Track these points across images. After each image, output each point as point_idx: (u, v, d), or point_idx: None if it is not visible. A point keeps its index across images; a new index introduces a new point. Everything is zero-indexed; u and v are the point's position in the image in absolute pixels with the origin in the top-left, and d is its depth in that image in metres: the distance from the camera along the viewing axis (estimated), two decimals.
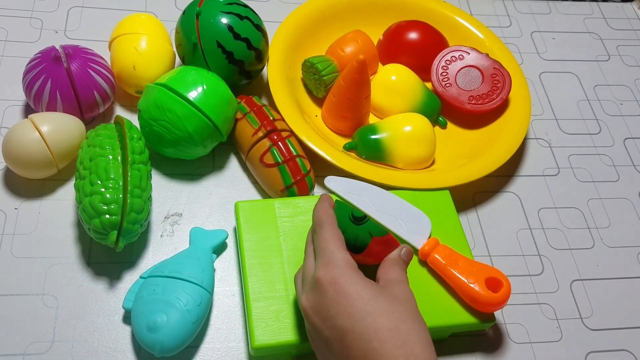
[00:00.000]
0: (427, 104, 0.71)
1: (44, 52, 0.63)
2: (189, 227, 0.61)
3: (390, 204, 0.60)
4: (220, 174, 0.66)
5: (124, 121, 0.59)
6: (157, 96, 0.60)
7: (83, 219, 0.54)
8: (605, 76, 0.83)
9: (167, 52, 0.68)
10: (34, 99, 0.62)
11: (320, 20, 0.76)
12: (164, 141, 0.61)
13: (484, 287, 0.54)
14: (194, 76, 0.62)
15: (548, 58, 0.84)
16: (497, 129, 0.71)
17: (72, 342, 0.53)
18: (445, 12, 0.80)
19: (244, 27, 0.64)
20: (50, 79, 0.61)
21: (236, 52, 0.64)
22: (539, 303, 0.61)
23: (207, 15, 0.64)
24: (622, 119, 0.79)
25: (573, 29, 0.88)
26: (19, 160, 0.58)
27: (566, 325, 0.60)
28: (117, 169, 0.54)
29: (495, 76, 0.72)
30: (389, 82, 0.70)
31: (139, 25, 0.67)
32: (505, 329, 0.59)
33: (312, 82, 0.71)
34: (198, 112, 0.60)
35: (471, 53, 0.73)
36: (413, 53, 0.74)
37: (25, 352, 0.52)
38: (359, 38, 0.73)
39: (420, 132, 0.66)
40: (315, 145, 0.64)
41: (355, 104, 0.67)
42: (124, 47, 0.66)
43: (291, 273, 0.54)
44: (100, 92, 0.63)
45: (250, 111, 0.64)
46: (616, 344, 0.60)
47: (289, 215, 0.58)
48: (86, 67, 0.62)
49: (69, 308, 0.54)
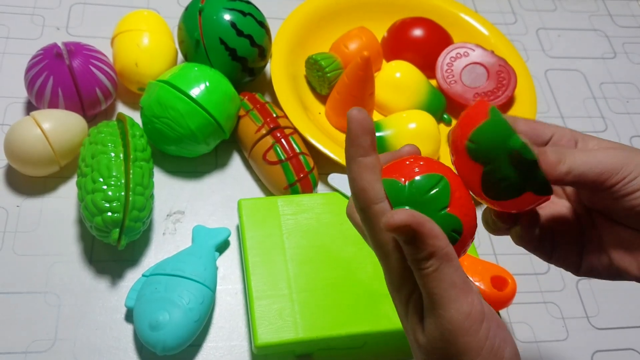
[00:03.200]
0: (432, 101, 0.70)
1: (46, 49, 0.62)
2: (191, 225, 0.60)
3: None
4: (223, 171, 0.65)
5: (126, 118, 0.58)
6: (160, 93, 0.60)
7: (85, 216, 0.54)
8: (611, 73, 0.83)
9: (170, 49, 0.67)
10: (36, 96, 0.62)
11: (323, 17, 0.76)
12: (166, 139, 0.61)
13: (490, 285, 0.53)
14: (196, 73, 0.61)
15: (554, 55, 0.83)
16: None
17: (74, 340, 0.52)
18: (450, 9, 0.79)
19: (247, 23, 0.64)
20: (52, 76, 0.61)
21: (239, 49, 0.64)
22: (545, 302, 0.61)
23: (210, 11, 0.63)
24: (629, 117, 0.78)
25: (579, 26, 0.88)
26: (21, 157, 0.58)
27: (572, 324, 0.60)
28: (119, 166, 0.54)
29: (500, 73, 0.71)
30: (393, 79, 0.70)
31: (141, 22, 0.67)
32: (511, 328, 0.58)
33: (316, 79, 0.70)
34: (201, 109, 0.60)
35: (476, 50, 0.72)
36: (417, 50, 0.74)
37: (27, 350, 0.51)
38: (363, 35, 0.72)
39: (424, 129, 0.65)
40: (319, 142, 0.63)
41: (359, 101, 0.66)
42: (126, 44, 0.65)
43: (294, 271, 0.54)
44: (102, 89, 0.63)
45: (253, 108, 0.64)
46: (622, 343, 0.59)
47: (292, 213, 0.58)
48: (88, 64, 0.62)
49: (71, 306, 0.54)
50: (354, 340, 0.54)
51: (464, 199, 0.34)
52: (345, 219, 0.58)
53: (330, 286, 0.54)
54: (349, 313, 0.53)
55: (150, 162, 0.58)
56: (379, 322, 0.53)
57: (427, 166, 0.34)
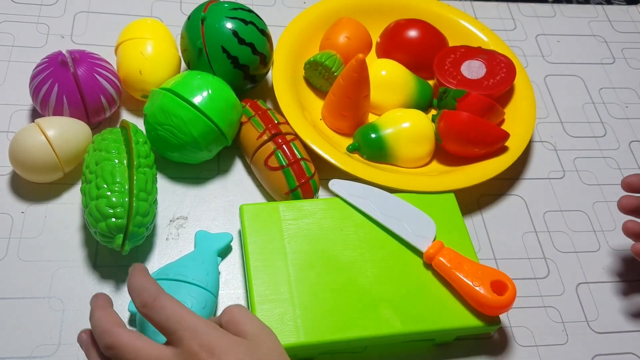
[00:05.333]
0: (421, 92, 0.72)
1: (51, 56, 0.63)
2: (194, 230, 0.61)
3: (395, 207, 0.60)
4: (225, 177, 0.66)
5: (130, 125, 0.59)
6: (163, 101, 0.61)
7: (89, 222, 0.54)
8: (611, 79, 0.83)
9: (173, 56, 0.68)
10: (40, 104, 0.63)
11: (324, 24, 0.76)
12: (169, 145, 0.61)
13: (490, 290, 0.53)
14: (199, 81, 0.62)
15: (553, 61, 0.84)
16: None
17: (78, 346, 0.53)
18: (449, 15, 0.80)
19: (249, 32, 0.65)
20: (57, 83, 0.61)
21: (241, 56, 0.64)
22: (545, 306, 0.61)
23: (212, 20, 0.64)
24: (628, 122, 0.79)
25: (578, 32, 0.88)
26: (26, 164, 0.59)
27: (572, 329, 0.60)
28: (123, 172, 0.55)
29: (495, 59, 0.73)
30: (380, 77, 0.70)
31: (145, 30, 0.68)
32: (511, 332, 0.59)
33: (322, 80, 0.71)
34: (203, 116, 0.60)
35: (465, 49, 0.74)
36: (412, 51, 0.74)
37: (31, 355, 0.52)
38: (348, 25, 0.74)
39: (419, 128, 0.66)
40: (320, 148, 0.64)
41: (355, 103, 0.67)
42: (130, 52, 0.66)
43: (296, 276, 0.54)
44: (106, 96, 0.64)
45: (255, 115, 0.64)
46: (622, 347, 0.59)
47: (294, 218, 0.58)
48: (93, 71, 0.63)
49: (75, 311, 0.55)
50: (355, 345, 0.55)
51: None
52: (345, 224, 0.59)
53: (331, 291, 0.54)
54: (350, 317, 0.53)
55: (153, 168, 0.58)
56: (380, 326, 0.53)
57: None
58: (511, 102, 0.74)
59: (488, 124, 0.66)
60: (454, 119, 0.66)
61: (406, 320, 0.53)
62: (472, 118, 0.66)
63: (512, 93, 0.74)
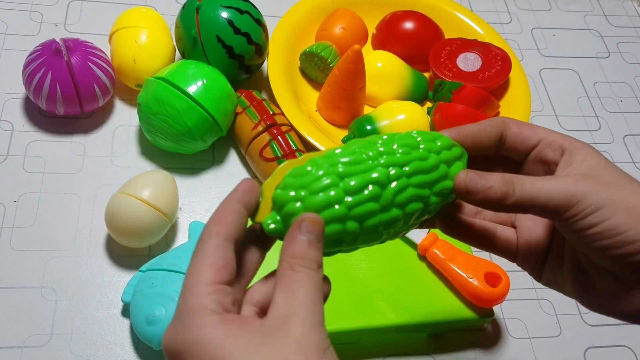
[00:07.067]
0: (417, 84, 0.72)
1: (45, 44, 0.63)
2: (188, 221, 0.61)
3: None
4: (219, 168, 0.66)
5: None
6: (157, 90, 0.60)
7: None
8: (605, 73, 0.83)
9: (168, 45, 0.67)
10: (33, 92, 0.62)
11: (320, 15, 0.76)
12: (163, 135, 0.61)
13: (483, 282, 0.54)
14: (193, 70, 0.62)
15: (548, 54, 0.84)
16: None
17: (70, 335, 0.53)
18: (445, 8, 0.80)
19: (244, 21, 0.64)
20: (50, 71, 0.61)
21: (236, 46, 0.64)
22: (538, 298, 0.61)
23: (207, 9, 0.64)
24: (622, 116, 0.79)
25: (573, 26, 0.88)
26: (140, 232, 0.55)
27: (565, 321, 0.60)
28: None
29: (491, 52, 0.73)
30: (375, 69, 0.70)
31: (140, 19, 0.67)
32: (504, 324, 0.59)
33: (318, 71, 0.71)
34: (198, 106, 0.60)
35: (460, 42, 0.74)
36: (408, 43, 0.74)
37: (24, 345, 0.52)
38: (344, 16, 0.74)
39: (415, 120, 0.66)
40: (315, 139, 0.64)
41: (350, 95, 0.66)
42: (124, 41, 0.66)
43: None
44: (100, 85, 0.63)
45: (250, 105, 0.64)
46: (615, 340, 0.60)
47: None
48: (86, 60, 0.62)
49: (68, 301, 0.55)
50: (349, 336, 0.55)
51: None
52: None
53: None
54: (344, 309, 0.53)
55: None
56: (374, 317, 0.53)
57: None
58: (506, 95, 0.74)
59: (483, 117, 0.66)
60: (449, 111, 0.66)
61: (400, 311, 0.53)
62: (468, 110, 0.66)
63: (507, 86, 0.74)
